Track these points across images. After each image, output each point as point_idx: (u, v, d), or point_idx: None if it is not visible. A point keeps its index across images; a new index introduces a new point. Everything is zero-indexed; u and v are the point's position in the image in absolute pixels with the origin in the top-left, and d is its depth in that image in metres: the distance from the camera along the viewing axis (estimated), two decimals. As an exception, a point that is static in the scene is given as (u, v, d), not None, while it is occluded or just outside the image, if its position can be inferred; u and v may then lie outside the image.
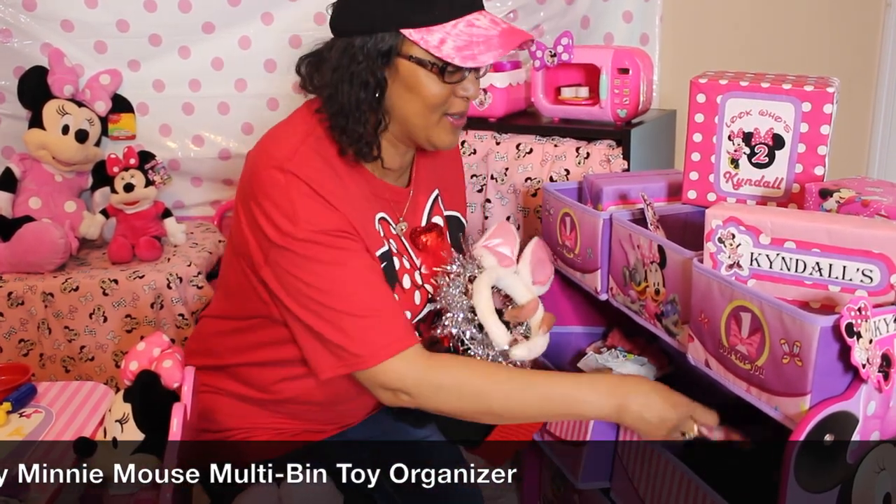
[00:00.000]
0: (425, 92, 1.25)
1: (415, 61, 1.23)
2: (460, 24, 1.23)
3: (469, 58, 1.21)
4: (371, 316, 1.23)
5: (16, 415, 1.41)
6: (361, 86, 1.24)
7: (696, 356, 1.21)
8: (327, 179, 1.25)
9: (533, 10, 2.46)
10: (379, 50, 1.23)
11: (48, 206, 2.37)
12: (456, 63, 1.22)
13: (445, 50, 1.21)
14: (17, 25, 2.42)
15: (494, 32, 1.23)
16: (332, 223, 1.24)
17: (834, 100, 1.28)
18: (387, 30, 1.22)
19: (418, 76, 1.24)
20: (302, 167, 1.24)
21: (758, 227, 1.14)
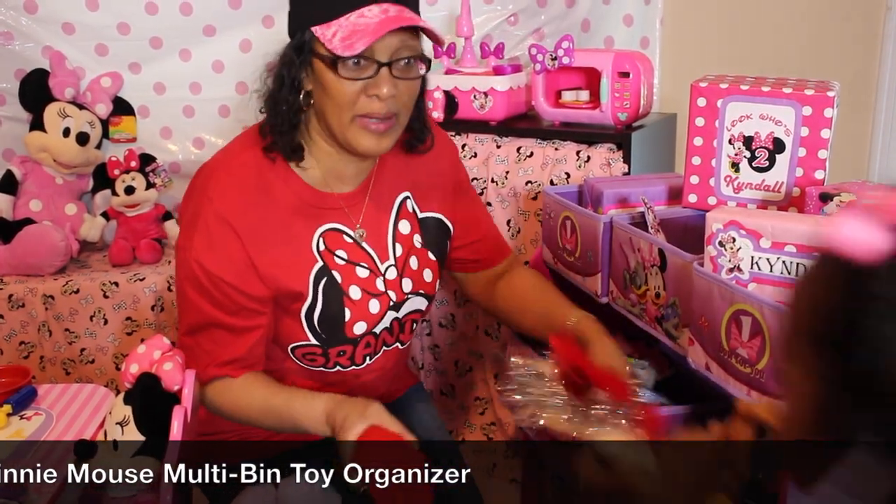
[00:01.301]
0: (331, 89, 1.24)
1: (319, 58, 1.24)
2: (352, 16, 1.22)
3: (347, 47, 1.20)
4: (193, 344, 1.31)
5: (16, 417, 1.41)
6: (279, 81, 1.27)
7: (696, 360, 1.21)
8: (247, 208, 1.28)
9: (533, 14, 2.46)
10: (294, 48, 1.25)
11: (49, 208, 2.37)
12: (338, 52, 1.21)
13: (334, 42, 1.21)
14: (18, 28, 2.42)
15: (376, 20, 1.21)
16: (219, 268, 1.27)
17: (834, 104, 1.28)
18: (301, 29, 1.25)
19: (325, 74, 1.24)
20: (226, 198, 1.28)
21: (758, 231, 1.14)
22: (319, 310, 1.33)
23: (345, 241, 1.35)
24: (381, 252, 1.40)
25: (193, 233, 1.28)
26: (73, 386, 1.53)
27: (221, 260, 1.27)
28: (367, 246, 1.38)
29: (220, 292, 1.28)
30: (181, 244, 1.31)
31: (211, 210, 1.27)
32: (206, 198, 1.28)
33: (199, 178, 1.34)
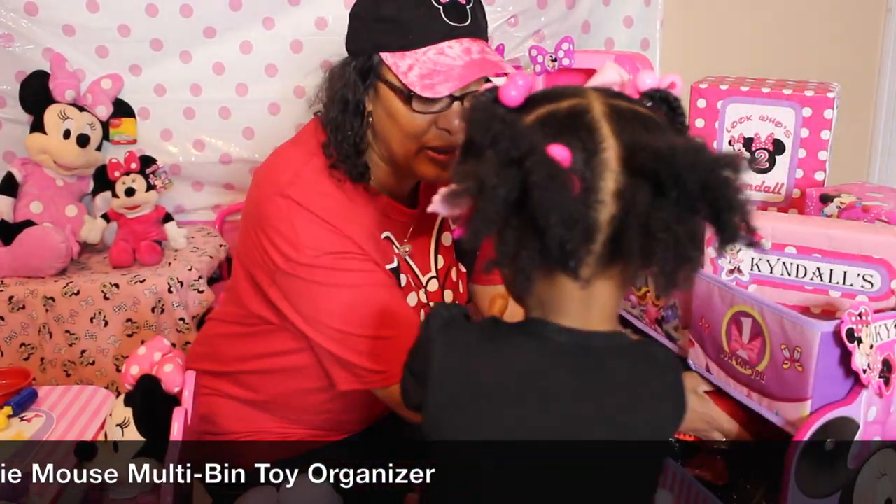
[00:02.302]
0: (401, 120, 1.21)
1: (389, 86, 1.21)
2: (431, 52, 1.18)
3: (427, 87, 1.16)
4: (386, 336, 1.21)
5: (16, 419, 1.41)
6: (341, 104, 1.23)
7: (696, 361, 1.21)
8: (331, 201, 1.24)
9: (534, 15, 2.46)
10: (359, 71, 1.21)
11: (49, 210, 2.37)
12: (416, 91, 1.17)
13: (410, 77, 1.17)
14: (19, 30, 2.42)
15: (460, 63, 1.18)
16: (336, 245, 1.22)
17: (834, 105, 1.28)
18: (367, 53, 1.21)
19: (393, 102, 1.21)
20: (303, 192, 1.22)
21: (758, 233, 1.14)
22: None
23: (394, 251, 1.34)
24: (423, 265, 1.40)
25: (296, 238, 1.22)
26: (74, 387, 1.53)
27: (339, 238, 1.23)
28: (410, 261, 1.38)
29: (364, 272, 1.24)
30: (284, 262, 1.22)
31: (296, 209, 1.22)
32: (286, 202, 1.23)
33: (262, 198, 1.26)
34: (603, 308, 0.79)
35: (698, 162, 0.70)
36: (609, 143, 0.73)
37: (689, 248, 0.71)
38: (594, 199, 0.72)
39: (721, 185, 0.70)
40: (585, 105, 0.75)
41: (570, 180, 0.70)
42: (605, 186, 0.72)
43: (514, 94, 0.78)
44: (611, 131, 0.73)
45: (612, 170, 0.72)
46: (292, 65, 2.43)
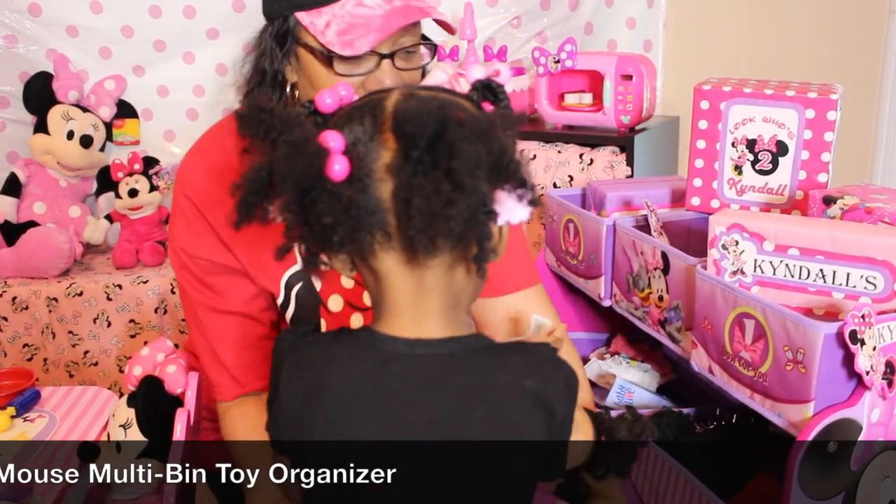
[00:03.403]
0: (322, 86, 1.04)
1: (308, 50, 1.06)
2: (349, 4, 1.04)
3: (346, 44, 1.02)
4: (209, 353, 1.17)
5: (20, 419, 1.41)
6: (259, 77, 1.11)
7: (699, 363, 1.21)
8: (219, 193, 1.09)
9: (536, 17, 2.46)
10: (275, 36, 1.08)
11: (53, 211, 2.37)
12: (335, 50, 1.03)
13: (328, 35, 1.03)
14: (23, 31, 2.43)
15: (380, 12, 1.03)
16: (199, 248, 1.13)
17: (837, 107, 1.28)
18: (283, 15, 1.07)
19: (315, 68, 1.07)
20: (190, 179, 1.14)
21: (761, 234, 1.14)
22: (292, 313, 1.19)
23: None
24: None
25: (172, 219, 1.18)
26: (77, 388, 1.53)
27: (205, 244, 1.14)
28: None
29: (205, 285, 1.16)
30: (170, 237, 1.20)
31: (181, 193, 1.14)
32: (177, 181, 1.17)
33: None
34: (433, 303, 0.76)
35: (422, 115, 0.69)
36: (388, 124, 0.71)
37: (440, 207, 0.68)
38: (370, 178, 0.70)
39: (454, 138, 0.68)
40: (383, 97, 0.75)
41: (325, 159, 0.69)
42: (380, 164, 0.71)
43: (329, 102, 0.77)
44: (393, 114, 0.72)
45: (390, 148, 0.71)
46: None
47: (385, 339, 0.76)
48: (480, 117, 0.73)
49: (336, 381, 0.75)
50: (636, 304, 1.38)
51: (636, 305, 1.38)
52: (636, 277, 1.37)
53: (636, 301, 1.38)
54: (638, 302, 1.38)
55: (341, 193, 0.69)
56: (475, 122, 0.71)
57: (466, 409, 0.74)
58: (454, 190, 0.68)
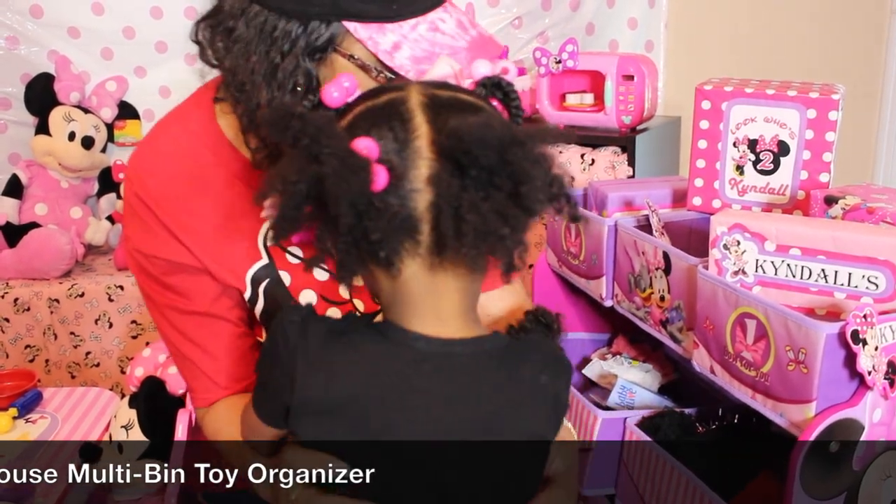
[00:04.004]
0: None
1: (356, 63, 0.93)
2: (421, 26, 0.93)
3: (424, 73, 0.91)
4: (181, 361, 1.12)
5: (22, 420, 1.42)
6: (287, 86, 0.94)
7: (701, 363, 1.21)
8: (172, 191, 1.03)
9: (538, 17, 2.46)
10: (311, 44, 0.93)
11: (54, 212, 2.38)
12: (410, 76, 0.92)
13: (399, 59, 0.92)
14: (24, 32, 2.43)
15: (462, 43, 0.95)
16: (155, 248, 1.05)
17: (839, 107, 1.28)
18: (325, 19, 0.92)
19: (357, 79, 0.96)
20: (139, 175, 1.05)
21: (763, 234, 1.14)
22: (261, 308, 1.10)
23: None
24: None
25: (124, 219, 1.10)
26: (79, 389, 1.53)
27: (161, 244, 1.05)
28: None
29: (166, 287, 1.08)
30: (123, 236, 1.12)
31: (131, 191, 1.05)
32: (126, 178, 1.08)
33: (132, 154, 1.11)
34: (454, 304, 0.76)
35: (489, 136, 0.69)
36: (422, 131, 0.72)
37: (498, 226, 0.70)
38: (407, 188, 0.71)
39: (516, 159, 0.69)
40: (403, 97, 0.75)
41: (371, 171, 0.69)
42: (418, 174, 0.71)
43: (337, 96, 0.77)
44: (425, 119, 0.72)
45: (425, 157, 0.71)
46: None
47: (419, 338, 0.75)
48: (536, 135, 0.73)
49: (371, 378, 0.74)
50: (638, 304, 1.38)
51: (638, 305, 1.38)
52: (638, 277, 1.37)
53: (638, 301, 1.38)
54: (639, 302, 1.38)
55: (386, 206, 0.70)
56: (533, 140, 0.71)
57: (497, 408, 0.75)
58: (522, 213, 0.71)
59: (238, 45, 0.96)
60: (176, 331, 1.10)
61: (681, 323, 1.27)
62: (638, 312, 1.39)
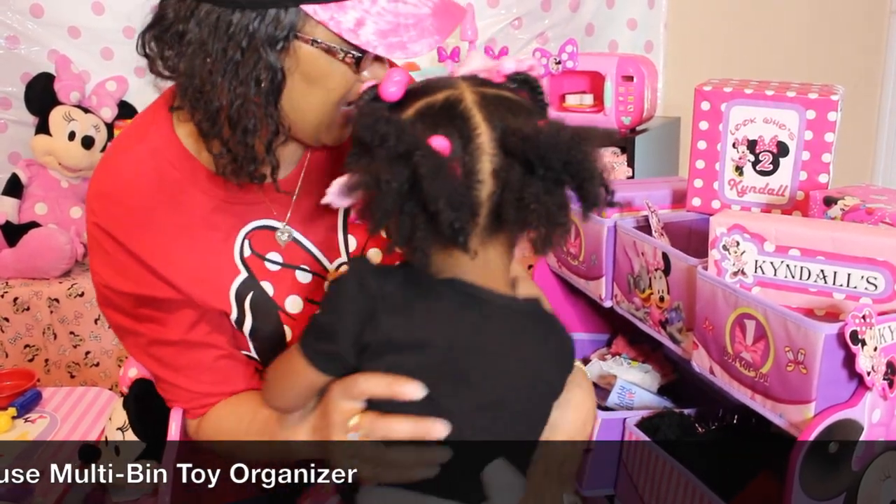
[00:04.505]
0: (332, 84, 0.93)
1: (321, 47, 0.91)
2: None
3: (397, 46, 0.90)
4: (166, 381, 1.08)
5: (21, 420, 1.42)
6: (252, 82, 0.90)
7: (700, 363, 1.21)
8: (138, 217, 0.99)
9: (538, 18, 2.47)
10: (271, 34, 0.89)
11: (54, 211, 2.38)
12: (380, 53, 0.90)
13: (364, 35, 0.89)
14: (25, 32, 2.43)
15: (426, 10, 0.92)
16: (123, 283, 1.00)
17: (838, 107, 1.28)
18: (282, 5, 0.89)
19: (324, 67, 0.92)
20: (102, 206, 0.99)
21: (762, 235, 1.14)
22: (250, 325, 1.06)
23: (277, 240, 1.07)
24: (330, 248, 1.10)
25: (90, 252, 1.04)
26: (78, 389, 1.53)
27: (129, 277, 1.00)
28: (309, 243, 1.09)
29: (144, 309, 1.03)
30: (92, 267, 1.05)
31: (94, 224, 1.00)
32: (87, 210, 1.01)
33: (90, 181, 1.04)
34: (496, 271, 0.88)
35: (559, 142, 0.81)
36: (482, 129, 0.82)
37: (559, 215, 0.82)
38: (474, 180, 0.81)
39: (580, 160, 0.81)
40: (458, 95, 0.84)
41: (453, 167, 0.79)
42: (482, 168, 0.82)
43: (394, 91, 0.85)
44: (482, 118, 0.83)
45: (488, 153, 0.82)
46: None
47: (483, 291, 0.86)
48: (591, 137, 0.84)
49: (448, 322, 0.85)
50: (637, 304, 1.38)
51: (637, 306, 1.38)
52: (637, 278, 1.37)
53: (637, 302, 1.38)
54: (639, 303, 1.38)
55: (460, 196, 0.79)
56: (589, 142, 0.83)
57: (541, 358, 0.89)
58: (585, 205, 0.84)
59: (191, 47, 0.91)
60: (153, 360, 1.06)
61: (680, 323, 1.27)
62: (637, 313, 1.39)
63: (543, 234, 0.82)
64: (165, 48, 0.94)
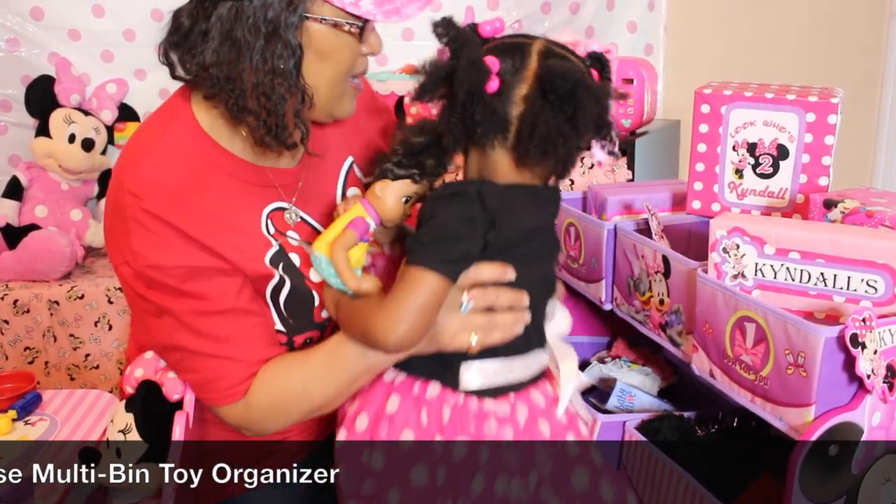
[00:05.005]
0: (340, 58, 1.07)
1: (328, 23, 1.04)
2: None
3: (393, 12, 1.04)
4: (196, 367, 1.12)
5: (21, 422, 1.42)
6: (273, 60, 1.02)
7: (700, 366, 1.21)
8: (178, 194, 1.07)
9: (538, 20, 2.47)
10: (286, 16, 1.01)
11: (54, 214, 2.38)
12: (379, 19, 1.04)
13: (364, 6, 1.03)
14: (25, 34, 2.44)
15: None
16: (172, 258, 1.06)
17: (838, 110, 1.28)
18: None
19: (332, 41, 1.06)
20: (143, 184, 1.06)
21: (762, 238, 1.14)
22: (287, 291, 1.15)
23: (287, 220, 1.18)
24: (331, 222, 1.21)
25: (126, 240, 1.08)
26: (78, 391, 1.53)
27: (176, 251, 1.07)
28: (316, 223, 1.21)
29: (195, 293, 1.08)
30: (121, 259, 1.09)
31: (138, 209, 1.06)
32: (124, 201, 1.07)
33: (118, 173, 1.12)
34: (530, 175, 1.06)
35: (567, 75, 0.98)
36: (532, 65, 1.00)
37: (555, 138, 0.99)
38: (508, 98, 0.99)
39: (582, 92, 0.98)
40: (530, 43, 1.03)
41: (488, 77, 0.98)
42: (518, 92, 1.00)
43: (489, 29, 1.05)
44: (536, 59, 1.01)
45: (528, 82, 1.00)
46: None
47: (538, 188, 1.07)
48: (601, 87, 1.03)
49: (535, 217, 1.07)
50: (637, 307, 1.38)
51: (637, 309, 1.39)
52: (637, 281, 1.37)
53: (637, 305, 1.38)
54: (639, 305, 1.38)
55: (491, 104, 0.99)
56: (597, 89, 1.02)
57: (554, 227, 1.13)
58: (571, 130, 0.99)
59: (216, 41, 1.04)
60: (196, 336, 1.10)
61: (680, 326, 1.28)
62: (637, 316, 1.39)
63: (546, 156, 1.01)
64: (186, 52, 1.09)
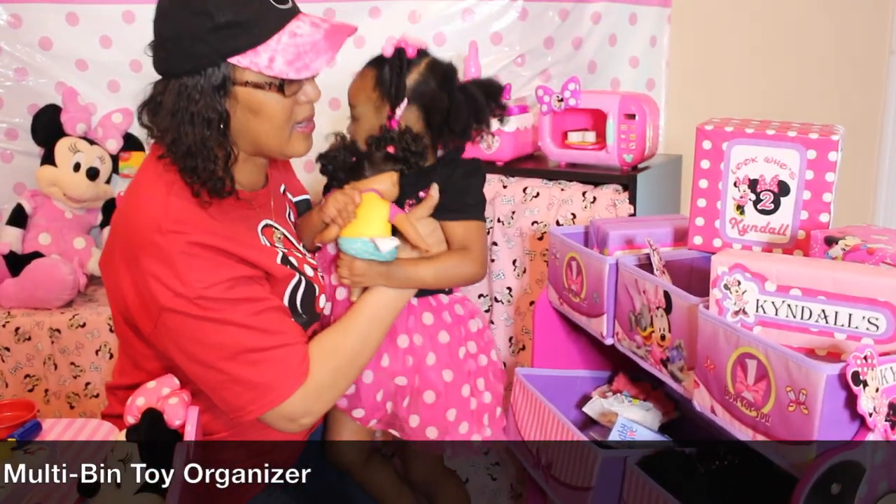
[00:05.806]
0: (270, 111, 1.26)
1: (252, 86, 1.24)
2: (283, 37, 1.23)
3: (302, 68, 1.22)
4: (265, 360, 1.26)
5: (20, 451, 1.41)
6: (205, 124, 1.22)
7: (701, 402, 1.21)
8: (206, 223, 1.25)
9: (540, 55, 2.49)
10: (213, 85, 1.22)
11: (58, 242, 2.38)
12: (290, 77, 1.23)
13: (277, 67, 1.22)
14: (33, 64, 2.46)
15: (319, 36, 1.24)
16: (221, 274, 1.24)
17: (839, 147, 1.29)
18: (214, 64, 1.21)
19: (260, 99, 1.25)
20: (179, 223, 1.22)
21: (763, 274, 1.14)
22: (303, 288, 1.36)
23: (273, 235, 1.38)
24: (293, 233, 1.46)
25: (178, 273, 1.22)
26: (78, 420, 1.53)
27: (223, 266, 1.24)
28: (287, 233, 1.43)
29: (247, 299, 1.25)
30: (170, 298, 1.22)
31: (175, 242, 1.21)
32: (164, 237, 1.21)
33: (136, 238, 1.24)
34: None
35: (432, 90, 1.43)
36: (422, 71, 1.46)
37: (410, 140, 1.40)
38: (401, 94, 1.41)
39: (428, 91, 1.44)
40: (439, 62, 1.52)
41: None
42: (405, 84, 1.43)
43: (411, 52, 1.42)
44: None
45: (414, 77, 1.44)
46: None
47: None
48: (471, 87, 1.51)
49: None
50: (638, 342, 1.38)
51: (638, 344, 1.39)
52: (638, 316, 1.37)
53: (638, 340, 1.38)
54: (640, 340, 1.38)
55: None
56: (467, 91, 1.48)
57: None
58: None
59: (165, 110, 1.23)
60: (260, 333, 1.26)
61: (681, 362, 1.27)
62: (639, 351, 1.39)
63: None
64: (153, 119, 1.26)
